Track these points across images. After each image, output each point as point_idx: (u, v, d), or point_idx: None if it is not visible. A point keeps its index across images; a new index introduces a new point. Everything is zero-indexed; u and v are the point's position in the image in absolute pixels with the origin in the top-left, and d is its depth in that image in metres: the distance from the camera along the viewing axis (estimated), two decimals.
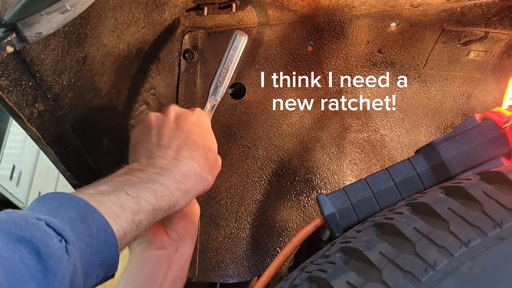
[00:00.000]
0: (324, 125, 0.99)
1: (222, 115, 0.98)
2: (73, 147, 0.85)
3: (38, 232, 0.46)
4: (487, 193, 0.54)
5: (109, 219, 0.54)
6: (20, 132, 2.58)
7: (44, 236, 0.46)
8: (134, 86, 0.92)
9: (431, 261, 0.49)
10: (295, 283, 0.56)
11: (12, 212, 0.48)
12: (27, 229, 0.46)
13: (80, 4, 0.54)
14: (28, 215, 0.48)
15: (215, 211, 0.98)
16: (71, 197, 0.53)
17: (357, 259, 0.53)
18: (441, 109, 0.99)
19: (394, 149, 1.00)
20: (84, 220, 0.51)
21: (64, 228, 0.48)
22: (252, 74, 0.96)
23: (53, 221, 0.48)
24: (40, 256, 0.44)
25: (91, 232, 0.51)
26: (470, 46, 0.93)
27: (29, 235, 0.45)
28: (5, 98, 0.68)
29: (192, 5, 0.89)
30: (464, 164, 0.63)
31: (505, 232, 0.50)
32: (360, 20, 0.92)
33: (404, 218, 0.55)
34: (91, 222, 0.52)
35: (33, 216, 0.48)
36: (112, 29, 0.82)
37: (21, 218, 0.47)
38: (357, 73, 0.96)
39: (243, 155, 0.98)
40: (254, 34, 0.94)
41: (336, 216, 0.63)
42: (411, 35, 0.93)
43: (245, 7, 0.90)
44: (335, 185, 1.00)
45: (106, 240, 0.53)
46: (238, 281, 1.00)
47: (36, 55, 0.71)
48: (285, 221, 0.99)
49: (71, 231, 0.49)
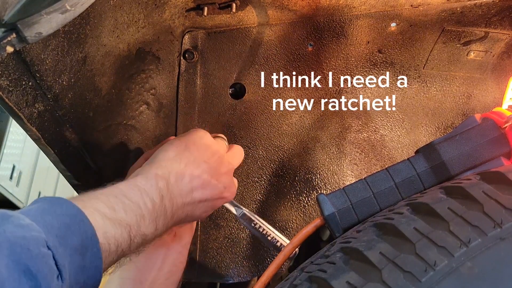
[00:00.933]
0: (324, 125, 0.98)
1: (222, 115, 0.98)
2: (73, 147, 0.85)
3: (45, 268, 0.45)
4: (487, 193, 0.54)
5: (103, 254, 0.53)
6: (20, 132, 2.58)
7: (48, 274, 0.45)
8: (134, 86, 0.92)
9: (431, 261, 0.49)
10: (295, 283, 0.56)
11: (27, 230, 0.46)
12: (36, 261, 0.45)
13: (80, 4, 0.54)
14: (41, 240, 0.46)
15: (215, 211, 0.98)
16: (82, 218, 0.52)
17: (357, 259, 0.53)
18: (441, 109, 0.99)
19: (394, 149, 1.00)
20: (84, 253, 0.50)
21: (64, 263, 0.47)
22: (252, 74, 0.96)
23: (58, 252, 0.47)
24: None
25: (84, 267, 0.51)
26: (470, 46, 0.93)
27: (35, 269, 0.44)
28: (5, 98, 0.68)
29: (192, 5, 0.89)
30: (464, 164, 0.63)
31: (505, 232, 0.50)
32: (360, 20, 0.92)
33: (404, 218, 0.55)
34: (88, 257, 0.51)
35: (45, 243, 0.46)
36: (112, 29, 0.82)
37: (35, 243, 0.46)
38: (357, 73, 0.96)
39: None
40: (254, 34, 0.94)
41: (336, 216, 0.63)
42: (411, 35, 0.93)
43: (245, 7, 0.90)
44: (335, 185, 1.00)
45: (93, 276, 0.52)
46: (238, 281, 1.00)
47: (36, 55, 0.71)
48: (285, 221, 0.99)
49: (68, 265, 0.48)
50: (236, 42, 0.95)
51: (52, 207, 0.52)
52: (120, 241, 0.57)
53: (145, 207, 0.62)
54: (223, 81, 0.97)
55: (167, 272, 0.78)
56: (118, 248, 0.56)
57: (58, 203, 0.52)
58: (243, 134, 0.98)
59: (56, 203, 0.52)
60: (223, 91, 0.97)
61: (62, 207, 0.52)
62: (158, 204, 0.64)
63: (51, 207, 0.51)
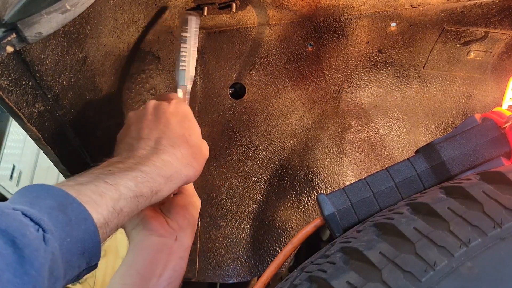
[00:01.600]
0: (324, 125, 0.98)
1: (222, 115, 0.98)
2: (73, 147, 0.85)
3: (14, 222, 0.46)
4: (487, 193, 0.54)
5: (89, 208, 0.54)
6: (20, 132, 2.58)
7: (20, 225, 0.46)
8: (134, 86, 0.92)
9: (431, 261, 0.49)
10: (295, 283, 0.56)
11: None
12: (2, 219, 0.45)
13: (80, 4, 0.54)
14: (4, 205, 0.48)
15: (215, 211, 0.98)
16: (50, 188, 0.53)
17: (357, 259, 0.53)
18: (441, 109, 0.99)
19: (394, 149, 1.00)
20: (63, 209, 0.51)
21: (41, 218, 0.48)
22: (252, 74, 0.96)
23: (30, 211, 0.48)
24: (16, 245, 0.44)
25: (70, 221, 0.51)
26: (470, 46, 0.93)
27: (4, 225, 0.45)
28: (5, 98, 0.68)
29: (192, 5, 0.89)
30: (464, 164, 0.63)
31: (505, 232, 0.50)
32: (360, 20, 0.92)
33: (404, 218, 0.55)
34: (70, 211, 0.52)
35: (9, 207, 0.48)
36: (112, 29, 0.82)
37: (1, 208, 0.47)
38: (357, 73, 0.96)
39: (243, 155, 0.98)
40: (254, 34, 0.94)
41: (336, 216, 0.63)
42: (411, 35, 0.93)
43: (245, 7, 0.90)
44: (335, 185, 1.00)
45: (86, 229, 0.52)
46: (238, 281, 1.00)
47: (36, 55, 0.71)
48: (285, 221, 0.99)
49: (49, 220, 0.49)
50: (236, 42, 0.95)
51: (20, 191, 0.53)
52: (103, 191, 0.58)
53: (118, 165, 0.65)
54: (223, 81, 0.97)
55: (168, 277, 0.78)
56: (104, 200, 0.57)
57: (30, 186, 0.54)
58: (243, 134, 0.98)
59: (29, 186, 0.54)
60: (223, 91, 0.97)
61: (34, 186, 0.54)
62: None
63: (20, 191, 0.53)
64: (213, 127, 0.98)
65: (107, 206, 0.57)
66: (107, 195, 0.58)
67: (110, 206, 0.58)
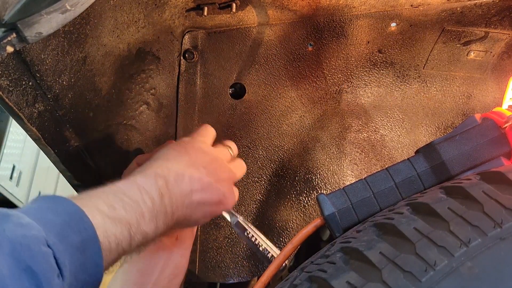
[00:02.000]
0: (324, 125, 0.98)
1: (222, 115, 0.98)
2: (73, 147, 0.85)
3: (46, 266, 0.45)
4: (487, 193, 0.54)
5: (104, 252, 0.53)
6: (20, 132, 2.58)
7: (49, 272, 0.45)
8: (134, 86, 0.92)
9: (431, 261, 0.49)
10: (295, 283, 0.56)
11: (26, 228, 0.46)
12: (37, 259, 0.45)
13: (80, 4, 0.54)
14: (41, 238, 0.46)
15: None
16: (82, 216, 0.52)
17: (357, 259, 0.53)
18: (441, 109, 0.99)
19: (394, 149, 1.00)
20: (84, 251, 0.50)
21: (64, 262, 0.47)
22: (252, 74, 0.96)
23: (59, 249, 0.47)
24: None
25: (85, 265, 0.50)
26: (470, 46, 0.93)
27: (36, 267, 0.44)
28: (5, 98, 0.68)
29: (192, 5, 0.89)
30: (464, 164, 0.63)
31: (505, 232, 0.50)
32: (360, 20, 0.92)
33: (404, 218, 0.55)
34: (89, 255, 0.51)
35: (45, 242, 0.47)
36: (112, 29, 0.82)
37: (35, 241, 0.46)
38: (357, 73, 0.96)
39: (243, 155, 0.98)
40: (254, 34, 0.94)
41: (336, 216, 0.63)
42: (411, 35, 0.93)
43: (245, 7, 0.90)
44: (335, 185, 1.00)
45: (93, 274, 0.52)
46: (238, 281, 1.00)
47: (36, 55, 0.71)
48: (285, 221, 0.99)
49: (69, 264, 0.48)
50: (236, 42, 0.95)
51: (52, 205, 0.52)
52: (120, 239, 0.57)
53: (145, 205, 0.62)
54: (223, 81, 0.97)
55: (169, 275, 0.78)
56: (119, 246, 0.56)
57: (57, 202, 0.52)
58: (243, 134, 0.98)
59: (55, 202, 0.52)
60: (223, 91, 0.97)
61: (62, 205, 0.52)
62: (158, 202, 0.64)
63: (51, 205, 0.52)
64: (213, 127, 0.97)
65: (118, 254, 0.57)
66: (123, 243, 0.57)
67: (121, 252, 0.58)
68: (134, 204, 0.61)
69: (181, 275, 0.81)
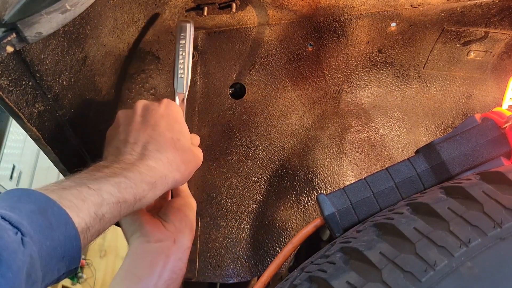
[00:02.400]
0: (324, 125, 0.98)
1: (222, 115, 0.98)
2: (73, 147, 0.85)
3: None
4: (487, 193, 0.54)
5: (70, 212, 0.54)
6: (20, 132, 2.58)
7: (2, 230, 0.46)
8: (134, 86, 0.92)
9: (431, 261, 0.49)
10: (295, 283, 0.56)
11: None
12: None
13: (80, 4, 0.54)
14: None
15: (215, 211, 0.98)
16: (31, 192, 0.53)
17: (357, 259, 0.53)
18: (441, 109, 0.99)
19: (394, 149, 1.00)
20: (43, 213, 0.51)
21: (21, 221, 0.48)
22: (252, 74, 0.96)
23: (10, 214, 0.48)
24: None
25: (51, 224, 0.51)
26: (470, 46, 0.93)
27: None
28: (5, 98, 0.68)
29: (192, 5, 0.89)
30: (464, 164, 0.63)
31: (505, 232, 0.50)
32: (360, 20, 0.92)
33: (404, 218, 0.55)
34: (51, 215, 0.52)
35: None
36: (112, 29, 0.82)
37: None
38: (357, 73, 0.96)
39: (243, 155, 0.98)
40: (254, 34, 0.94)
41: (336, 216, 0.63)
42: (411, 35, 0.93)
43: (245, 7, 0.90)
44: (335, 185, 1.00)
45: (67, 233, 0.53)
46: (238, 281, 1.00)
47: (36, 55, 0.71)
48: (285, 221, 0.99)
49: (28, 224, 0.49)
50: (236, 42, 0.95)
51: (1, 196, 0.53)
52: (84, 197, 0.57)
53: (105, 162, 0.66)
54: (223, 81, 0.97)
55: (167, 279, 0.77)
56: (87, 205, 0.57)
57: (12, 190, 0.54)
58: (243, 134, 0.98)
59: (10, 191, 0.54)
60: (223, 91, 0.97)
61: (15, 191, 0.54)
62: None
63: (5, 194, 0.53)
64: (213, 127, 0.98)
65: (89, 211, 0.57)
66: (89, 200, 0.58)
67: (92, 211, 0.58)
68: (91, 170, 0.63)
69: (179, 279, 0.80)
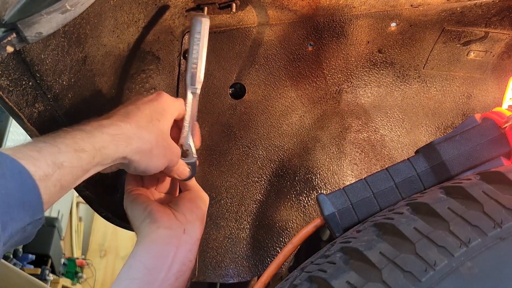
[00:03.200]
0: (324, 125, 0.98)
1: (222, 115, 0.98)
2: None
3: None
4: (487, 193, 0.54)
5: (25, 163, 0.55)
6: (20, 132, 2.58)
7: None
8: (134, 86, 0.92)
9: (431, 261, 0.49)
10: (295, 283, 0.56)
11: None
12: None
13: (80, 4, 0.54)
14: None
15: (215, 211, 0.98)
16: None
17: (357, 259, 0.53)
18: (441, 109, 0.99)
19: (394, 149, 1.00)
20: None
21: None
22: (252, 74, 0.96)
23: None
24: None
25: (4, 174, 0.53)
26: (470, 46, 0.93)
27: None
28: (5, 98, 0.68)
29: (192, 5, 0.89)
30: (464, 164, 0.63)
31: (505, 232, 0.50)
32: (360, 20, 0.92)
33: (404, 218, 0.55)
34: (4, 167, 0.53)
35: None
36: (112, 29, 0.82)
37: None
38: (357, 73, 0.96)
39: (243, 155, 0.98)
40: (254, 34, 0.94)
41: (336, 216, 0.63)
42: (411, 35, 0.93)
43: (245, 7, 0.90)
44: (335, 185, 1.00)
45: (23, 182, 0.54)
46: (238, 281, 1.00)
47: (36, 55, 0.71)
48: (285, 221, 0.99)
49: None
50: (236, 42, 0.95)
51: None
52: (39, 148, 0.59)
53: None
54: (223, 81, 0.97)
55: (176, 271, 0.77)
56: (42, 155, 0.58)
57: None
58: (243, 134, 0.98)
59: None
60: (223, 91, 0.97)
61: None
62: None
63: None
64: (213, 127, 0.98)
65: (45, 160, 0.59)
66: (44, 150, 0.59)
67: (49, 160, 0.59)
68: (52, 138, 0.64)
69: (188, 271, 0.79)
